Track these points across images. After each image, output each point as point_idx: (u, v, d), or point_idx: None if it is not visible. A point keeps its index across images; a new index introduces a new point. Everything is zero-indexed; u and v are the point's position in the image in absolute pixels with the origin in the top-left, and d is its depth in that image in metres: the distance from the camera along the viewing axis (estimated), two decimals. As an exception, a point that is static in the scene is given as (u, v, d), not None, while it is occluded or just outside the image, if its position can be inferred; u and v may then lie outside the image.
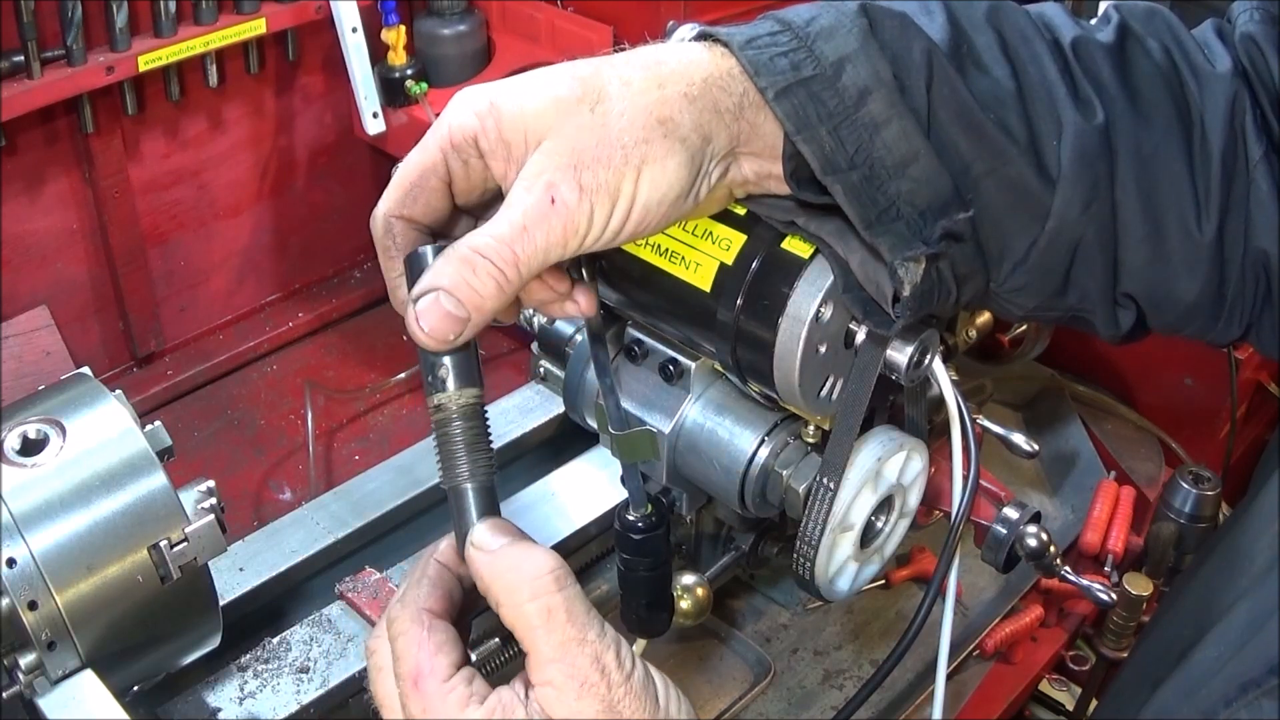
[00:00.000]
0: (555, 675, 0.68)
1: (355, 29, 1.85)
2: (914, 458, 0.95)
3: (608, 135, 0.71)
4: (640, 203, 0.72)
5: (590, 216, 0.70)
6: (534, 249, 0.70)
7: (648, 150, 0.71)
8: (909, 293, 0.75)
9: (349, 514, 1.32)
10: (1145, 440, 1.77)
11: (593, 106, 0.71)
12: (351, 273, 2.20)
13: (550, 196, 0.70)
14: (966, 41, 0.80)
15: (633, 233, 0.73)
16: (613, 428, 0.95)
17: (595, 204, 0.70)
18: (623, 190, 0.71)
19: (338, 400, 1.92)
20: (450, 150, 0.74)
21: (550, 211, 0.69)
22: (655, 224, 0.74)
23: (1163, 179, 0.81)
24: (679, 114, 0.72)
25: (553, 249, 0.70)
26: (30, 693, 0.91)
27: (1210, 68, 0.82)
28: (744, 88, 0.74)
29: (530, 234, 0.70)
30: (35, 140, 1.72)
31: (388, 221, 0.75)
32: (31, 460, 0.92)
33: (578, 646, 0.68)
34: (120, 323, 1.93)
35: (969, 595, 1.52)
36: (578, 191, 0.70)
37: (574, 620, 0.69)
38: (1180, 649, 0.72)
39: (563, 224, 0.70)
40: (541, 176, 0.70)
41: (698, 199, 0.76)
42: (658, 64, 0.74)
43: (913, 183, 0.76)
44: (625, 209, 0.71)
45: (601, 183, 0.70)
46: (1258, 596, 0.68)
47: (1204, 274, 0.82)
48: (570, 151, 0.70)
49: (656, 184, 0.72)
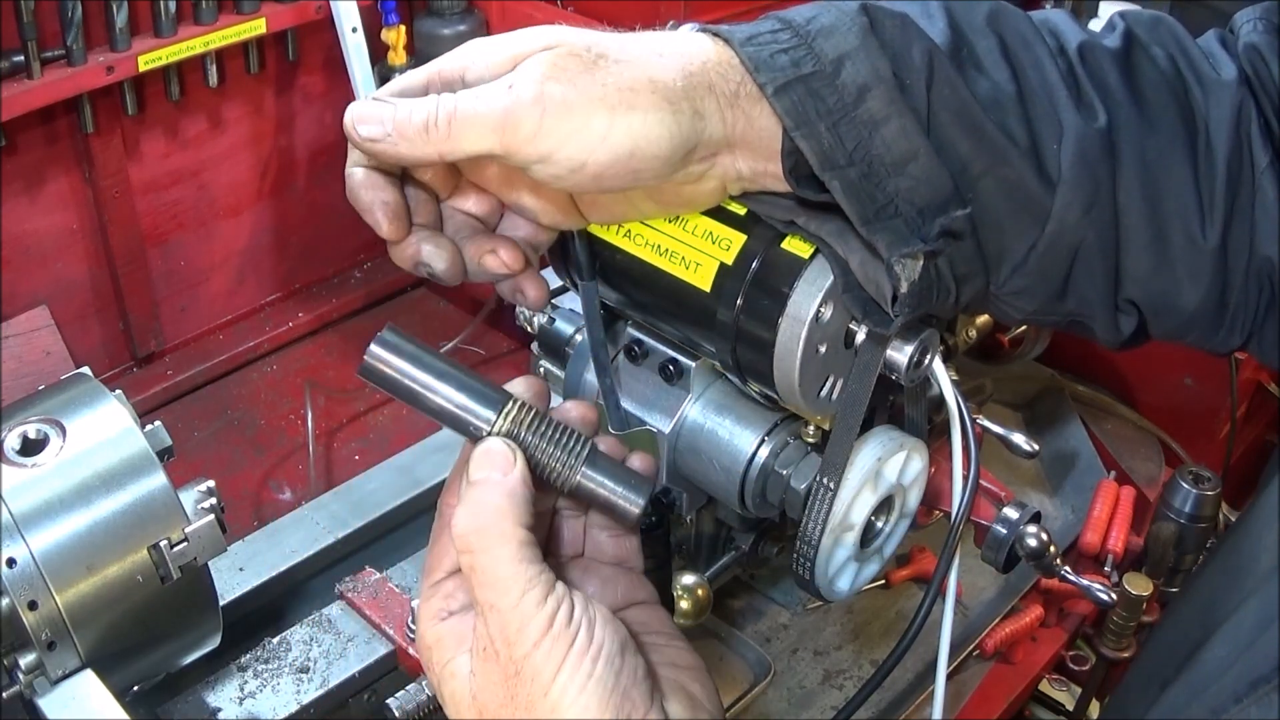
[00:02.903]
0: (477, 631, 0.69)
1: (355, 29, 1.85)
2: (914, 458, 0.95)
3: (594, 73, 0.70)
4: (609, 146, 0.70)
5: (539, 123, 0.69)
6: (469, 116, 0.70)
7: (633, 98, 0.70)
8: (906, 290, 0.75)
9: (349, 514, 1.33)
10: (1145, 440, 1.77)
11: (588, 48, 0.72)
12: (351, 273, 2.20)
13: (509, 84, 0.70)
14: (967, 44, 0.80)
15: (595, 175, 0.71)
16: (613, 428, 0.95)
17: (549, 115, 0.69)
18: (593, 125, 0.70)
19: (338, 400, 1.93)
20: (437, 79, 0.75)
21: (502, 94, 0.69)
22: (621, 176, 0.72)
23: (1167, 185, 0.81)
24: (673, 80, 0.72)
25: (487, 133, 0.70)
26: (30, 693, 0.91)
27: (1215, 75, 0.82)
28: (742, 77, 0.74)
29: (474, 103, 0.70)
30: (35, 140, 1.72)
31: (363, 110, 0.74)
32: (31, 460, 0.92)
33: (490, 611, 0.67)
34: (120, 323, 1.94)
35: (969, 595, 1.52)
36: (537, 92, 0.69)
37: (491, 585, 0.67)
38: (1187, 650, 0.72)
39: (505, 110, 0.69)
40: (515, 72, 0.71)
41: (676, 172, 0.75)
42: (659, 39, 0.75)
43: (911, 181, 0.76)
44: (588, 146, 0.70)
45: (570, 101, 0.69)
46: (1265, 596, 0.68)
47: (1207, 282, 0.82)
48: (551, 65, 0.70)
49: (632, 133, 0.70)
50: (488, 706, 0.68)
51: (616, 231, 0.87)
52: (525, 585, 0.67)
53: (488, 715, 0.68)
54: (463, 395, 0.73)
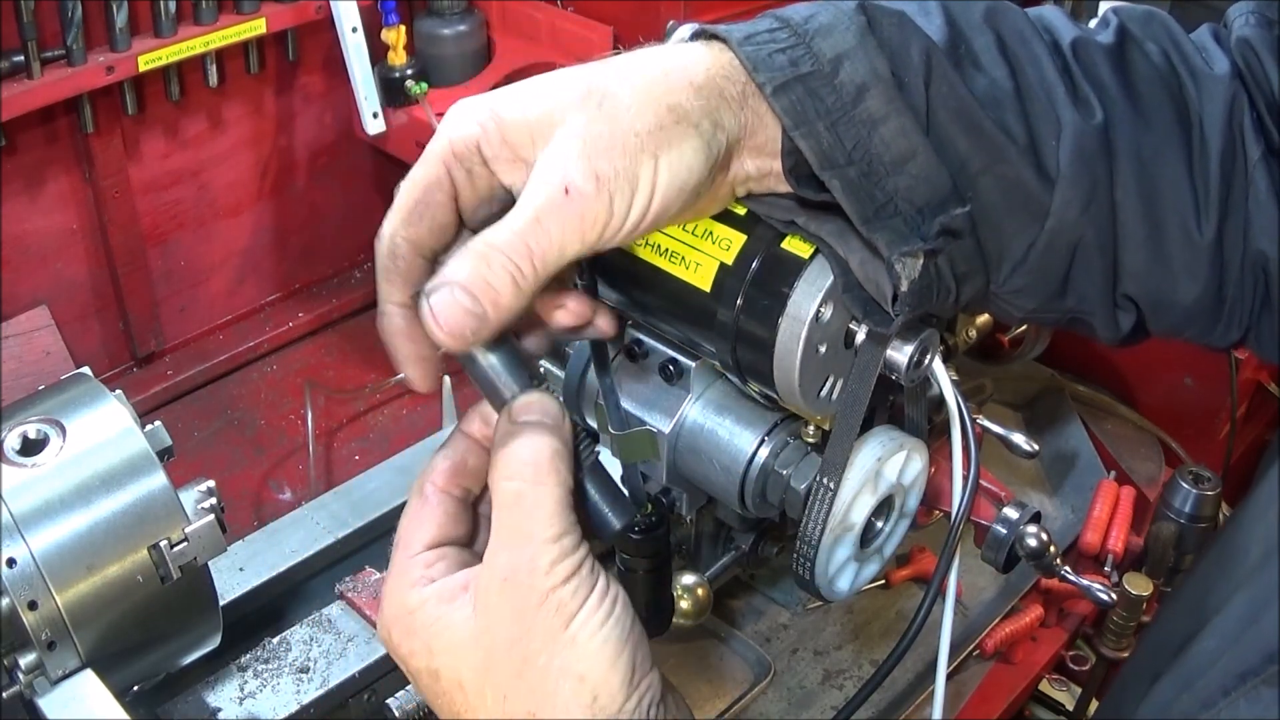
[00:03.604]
0: (496, 562, 0.68)
1: (355, 29, 1.85)
2: (914, 458, 0.95)
3: (618, 125, 0.69)
4: (661, 190, 0.70)
5: (610, 206, 0.68)
6: (549, 242, 0.67)
7: (663, 136, 0.69)
8: (906, 288, 0.75)
9: (349, 514, 1.33)
10: (1145, 440, 1.77)
11: (599, 102, 0.70)
12: (351, 273, 2.20)
13: (565, 187, 0.67)
14: (964, 42, 0.80)
15: (653, 223, 0.71)
16: (613, 428, 0.95)
17: (614, 193, 0.68)
18: (641, 177, 0.69)
19: (338, 400, 1.93)
20: (453, 161, 0.71)
21: (565, 202, 0.67)
22: (675, 213, 0.72)
23: (1162, 181, 0.81)
24: (687, 101, 0.71)
25: (570, 242, 0.68)
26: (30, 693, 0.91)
27: (1208, 69, 0.82)
28: (745, 77, 0.74)
29: (544, 226, 0.67)
30: (35, 140, 1.72)
31: (393, 242, 0.71)
32: (31, 460, 0.92)
33: (524, 540, 0.67)
34: (120, 323, 1.93)
35: (969, 595, 1.52)
36: (594, 181, 0.67)
37: (532, 515, 0.68)
38: (1179, 643, 0.72)
39: (579, 214, 0.67)
40: (554, 169, 0.68)
41: (715, 188, 0.74)
42: (659, 61, 0.73)
43: (911, 179, 0.76)
44: (646, 197, 0.69)
45: (619, 170, 0.68)
46: (1254, 588, 0.68)
47: (1204, 276, 0.82)
48: (582, 142, 0.68)
49: (676, 171, 0.70)
50: (496, 644, 0.67)
51: (616, 232, 0.87)
52: (566, 527, 0.68)
53: (496, 653, 0.67)
54: (504, 361, 0.72)
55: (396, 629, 0.71)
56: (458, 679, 0.69)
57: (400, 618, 0.70)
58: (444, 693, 0.70)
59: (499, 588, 0.67)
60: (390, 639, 0.72)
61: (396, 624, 0.71)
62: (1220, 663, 0.64)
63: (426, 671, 0.70)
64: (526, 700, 0.67)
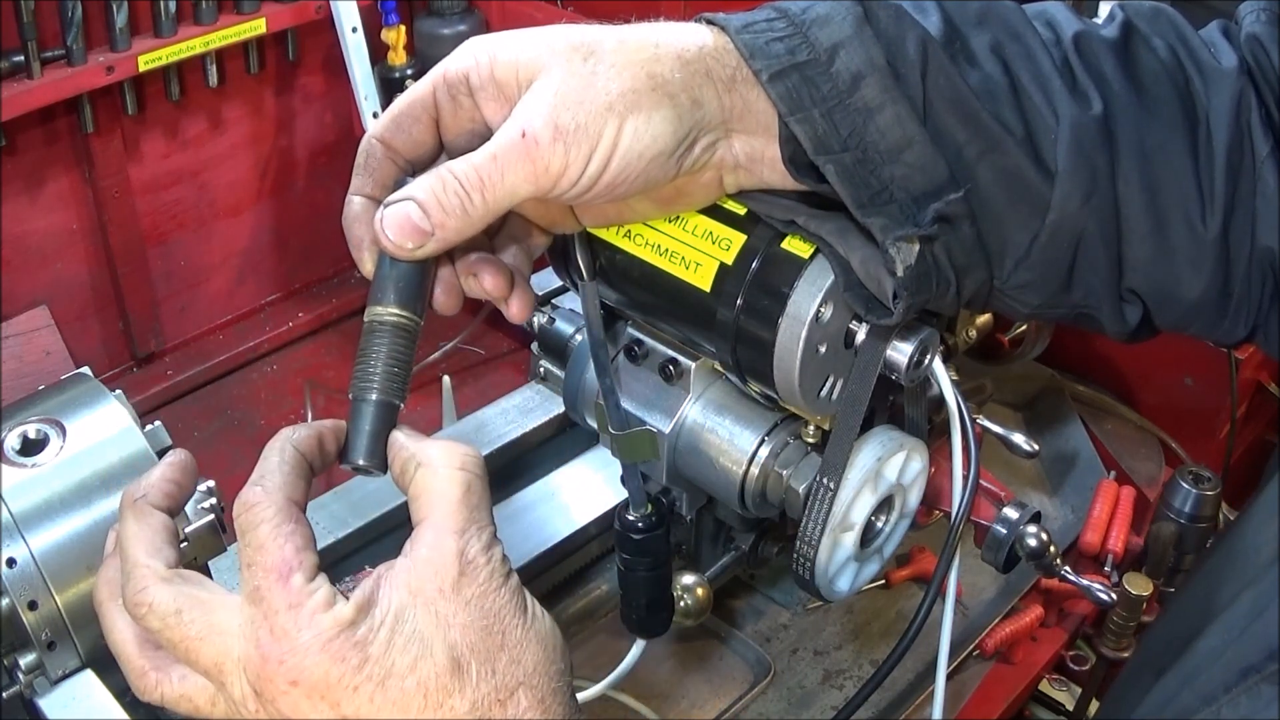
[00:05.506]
0: (426, 550, 0.69)
1: (355, 29, 1.85)
2: (914, 458, 0.95)
3: (594, 82, 0.72)
4: (620, 152, 0.72)
5: (565, 157, 0.71)
6: (501, 180, 0.71)
7: (635, 100, 0.72)
8: (903, 274, 0.76)
9: (349, 514, 1.32)
10: (1145, 440, 1.76)
11: (585, 57, 0.72)
12: (351, 273, 2.20)
13: (523, 131, 0.71)
14: (960, 38, 0.80)
15: (610, 184, 0.73)
16: (613, 428, 0.95)
17: (570, 145, 0.71)
18: (604, 136, 0.71)
19: (338, 400, 1.92)
20: (443, 86, 0.76)
21: (520, 146, 0.71)
22: (634, 179, 0.74)
23: (1167, 174, 0.81)
24: (670, 72, 0.73)
25: (520, 184, 0.71)
26: (30, 693, 0.91)
27: (1216, 64, 0.82)
28: (738, 62, 0.75)
29: (499, 164, 0.71)
30: (35, 140, 1.72)
31: (370, 143, 0.77)
32: (31, 460, 0.92)
33: (466, 529, 0.69)
34: (120, 323, 1.93)
35: (969, 595, 1.52)
36: (552, 129, 0.70)
37: (478, 507, 0.69)
38: (1184, 640, 0.72)
39: (531, 159, 0.71)
40: (521, 113, 0.72)
41: (680, 165, 0.76)
42: (656, 33, 0.76)
43: (907, 168, 0.77)
44: (605, 156, 0.72)
45: (581, 124, 0.71)
46: (1260, 587, 0.68)
47: (1209, 271, 0.82)
48: (554, 93, 0.71)
49: (639, 135, 0.72)
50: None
51: (617, 232, 0.87)
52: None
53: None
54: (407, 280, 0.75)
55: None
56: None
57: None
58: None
59: (434, 570, 0.70)
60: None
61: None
62: (1223, 659, 0.64)
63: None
64: None
